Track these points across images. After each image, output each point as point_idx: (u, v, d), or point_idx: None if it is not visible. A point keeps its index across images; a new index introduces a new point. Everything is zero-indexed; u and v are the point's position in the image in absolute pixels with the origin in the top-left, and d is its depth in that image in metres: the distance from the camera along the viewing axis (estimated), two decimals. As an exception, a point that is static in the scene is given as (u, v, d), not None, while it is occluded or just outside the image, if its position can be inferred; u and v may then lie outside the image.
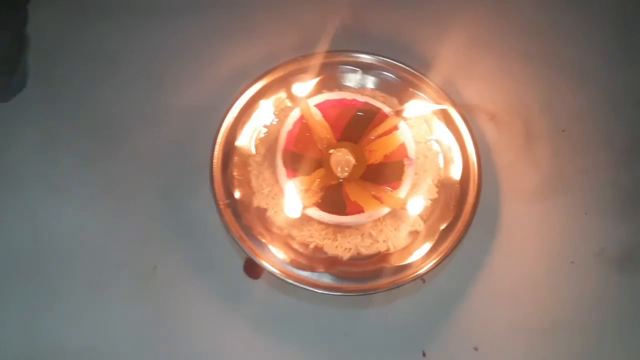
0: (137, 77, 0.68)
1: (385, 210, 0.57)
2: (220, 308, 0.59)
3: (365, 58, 0.64)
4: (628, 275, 0.62)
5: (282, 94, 0.64)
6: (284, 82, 0.63)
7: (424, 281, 0.61)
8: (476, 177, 0.60)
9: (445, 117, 0.63)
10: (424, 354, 0.58)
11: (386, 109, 0.61)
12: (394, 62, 0.64)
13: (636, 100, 0.69)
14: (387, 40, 0.71)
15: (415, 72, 0.64)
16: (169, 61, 0.69)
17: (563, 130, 0.67)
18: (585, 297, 0.61)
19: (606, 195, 0.65)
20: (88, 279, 0.60)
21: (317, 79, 0.62)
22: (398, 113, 0.60)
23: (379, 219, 0.58)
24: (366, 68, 0.65)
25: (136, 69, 0.68)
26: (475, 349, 0.59)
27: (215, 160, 0.59)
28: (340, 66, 0.65)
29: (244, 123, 0.62)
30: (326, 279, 0.56)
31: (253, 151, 0.62)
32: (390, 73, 0.64)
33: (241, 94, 0.62)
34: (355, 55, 0.64)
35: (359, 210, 0.57)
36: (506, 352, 0.59)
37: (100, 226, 0.62)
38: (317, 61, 0.64)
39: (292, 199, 0.56)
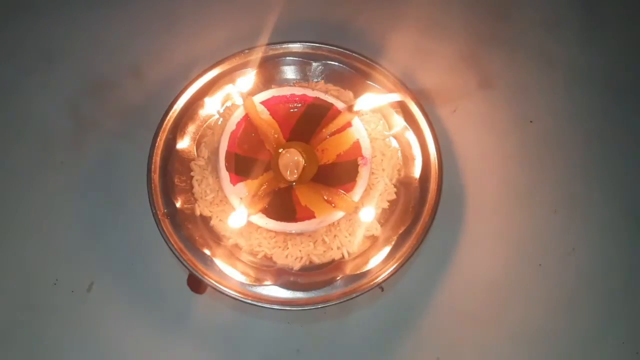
0: (68, 75, 0.64)
1: (339, 214, 0.53)
2: (163, 325, 0.55)
3: (314, 47, 0.60)
4: (601, 278, 0.58)
5: (228, 91, 0.59)
6: (229, 78, 0.59)
7: (382, 289, 0.57)
8: (437, 175, 0.56)
9: (404, 110, 0.58)
10: (383, 369, 0.55)
11: (339, 104, 0.57)
12: (345, 51, 0.59)
13: (599, 82, 0.65)
14: (337, 29, 0.67)
15: (368, 61, 0.59)
16: (102, 57, 0.65)
17: (531, 121, 0.63)
18: (555, 302, 0.57)
19: (578, 191, 0.61)
20: (20, 299, 0.56)
21: (255, 72, 0.57)
22: (351, 108, 0.56)
23: (332, 224, 0.54)
24: (316, 59, 0.60)
25: (66, 67, 0.64)
26: (438, 361, 0.55)
27: (153, 166, 0.55)
28: (288, 58, 0.60)
29: (186, 124, 0.57)
30: (275, 292, 0.52)
31: (195, 155, 0.57)
32: (342, 64, 0.60)
33: (182, 92, 0.57)
34: (304, 45, 0.60)
35: (310, 215, 0.53)
36: (470, 364, 0.55)
37: (30, 240, 0.58)
38: (263, 54, 0.59)
39: (235, 208, 0.52)
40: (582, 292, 0.57)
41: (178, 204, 0.55)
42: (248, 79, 0.56)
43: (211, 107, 0.58)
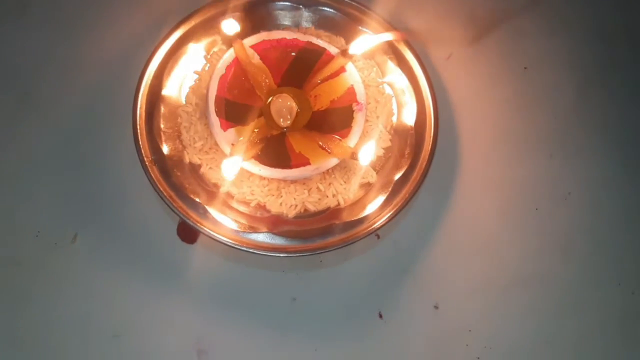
0: (46, 21, 0.60)
1: (334, 161, 0.52)
2: (152, 276, 0.53)
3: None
4: (597, 221, 0.58)
5: (215, 37, 0.57)
6: (215, 23, 0.56)
7: (378, 237, 0.56)
8: (432, 121, 0.55)
9: (397, 57, 0.57)
10: (380, 316, 0.54)
11: (332, 49, 0.55)
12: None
13: (592, 28, 0.65)
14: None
15: (361, 6, 0.57)
16: (80, 3, 0.61)
17: (525, 68, 0.63)
18: (552, 245, 0.57)
19: (573, 136, 0.61)
20: (0, 253, 0.53)
21: (242, 15, 0.55)
22: (344, 53, 0.54)
23: (327, 171, 0.53)
24: (307, 4, 0.58)
25: (45, 13, 0.61)
26: (436, 307, 0.55)
27: (138, 112, 0.52)
28: (277, 3, 0.58)
29: (171, 70, 0.55)
30: (270, 240, 0.51)
31: (183, 101, 0.55)
32: (334, 9, 0.58)
33: (166, 37, 0.55)
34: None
35: (305, 162, 0.52)
36: (468, 309, 0.55)
37: (11, 191, 0.55)
38: (250, -3, 0.57)
39: (226, 154, 0.50)
40: (579, 235, 0.57)
41: (166, 151, 0.52)
42: (234, 23, 0.54)
43: (197, 52, 0.56)
